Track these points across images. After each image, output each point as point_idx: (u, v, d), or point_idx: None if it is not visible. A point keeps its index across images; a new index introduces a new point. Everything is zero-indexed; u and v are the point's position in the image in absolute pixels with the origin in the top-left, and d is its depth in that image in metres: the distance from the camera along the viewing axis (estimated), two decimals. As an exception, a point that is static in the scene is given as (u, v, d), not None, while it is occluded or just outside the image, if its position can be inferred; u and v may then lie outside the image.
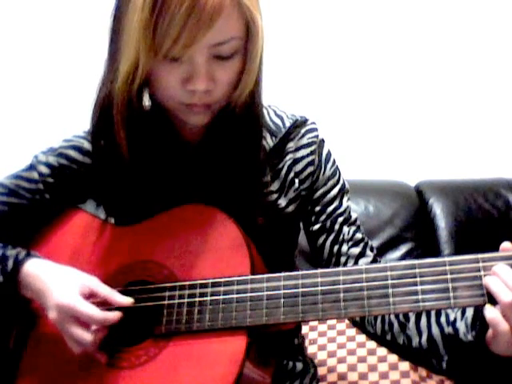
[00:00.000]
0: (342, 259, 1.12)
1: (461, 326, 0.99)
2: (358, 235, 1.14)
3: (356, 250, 1.12)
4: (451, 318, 1.01)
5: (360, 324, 1.15)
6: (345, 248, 1.12)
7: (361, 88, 2.14)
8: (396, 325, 1.08)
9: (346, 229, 1.13)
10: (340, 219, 1.13)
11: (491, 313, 0.87)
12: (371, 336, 1.33)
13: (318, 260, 1.15)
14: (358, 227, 1.15)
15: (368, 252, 1.13)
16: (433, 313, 1.04)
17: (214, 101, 1.00)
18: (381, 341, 1.28)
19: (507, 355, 0.91)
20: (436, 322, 1.03)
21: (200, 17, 0.89)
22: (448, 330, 1.01)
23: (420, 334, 1.04)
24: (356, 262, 1.12)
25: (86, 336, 0.98)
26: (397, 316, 1.08)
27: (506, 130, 2.12)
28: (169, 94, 1.00)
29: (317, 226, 1.14)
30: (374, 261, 1.13)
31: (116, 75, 0.98)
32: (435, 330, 1.03)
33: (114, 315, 0.99)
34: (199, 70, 0.95)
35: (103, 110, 1.03)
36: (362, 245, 1.13)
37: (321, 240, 1.14)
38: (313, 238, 1.15)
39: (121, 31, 0.96)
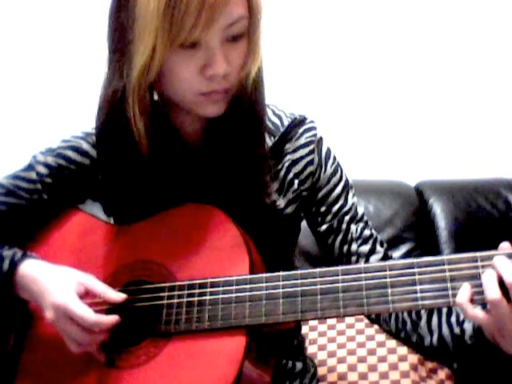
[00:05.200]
0: (353, 258, 1.12)
1: (468, 327, 0.99)
2: (367, 232, 1.13)
3: (366, 248, 1.12)
4: (461, 317, 1.01)
5: (376, 321, 1.15)
6: (354, 247, 1.12)
7: (361, 88, 2.14)
8: (409, 323, 1.08)
9: (353, 227, 1.12)
10: (347, 218, 1.12)
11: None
12: (388, 333, 1.32)
13: (329, 259, 1.14)
14: (366, 223, 1.14)
15: (378, 248, 1.13)
16: (444, 312, 1.04)
17: (231, 85, 1.00)
18: (397, 338, 1.28)
19: None
20: (446, 321, 1.03)
21: None
22: (457, 330, 1.01)
23: (431, 333, 1.04)
24: (367, 260, 1.11)
25: (83, 336, 0.98)
26: (409, 314, 1.08)
27: (505, 130, 2.12)
28: (185, 86, 0.98)
29: (324, 227, 1.13)
30: (385, 256, 1.12)
31: (130, 68, 0.96)
32: (445, 329, 1.03)
33: (109, 319, 0.98)
34: (217, 54, 0.95)
35: (113, 106, 1.01)
36: (371, 241, 1.13)
37: (329, 241, 1.13)
38: (321, 238, 1.15)
39: (132, 24, 0.94)
